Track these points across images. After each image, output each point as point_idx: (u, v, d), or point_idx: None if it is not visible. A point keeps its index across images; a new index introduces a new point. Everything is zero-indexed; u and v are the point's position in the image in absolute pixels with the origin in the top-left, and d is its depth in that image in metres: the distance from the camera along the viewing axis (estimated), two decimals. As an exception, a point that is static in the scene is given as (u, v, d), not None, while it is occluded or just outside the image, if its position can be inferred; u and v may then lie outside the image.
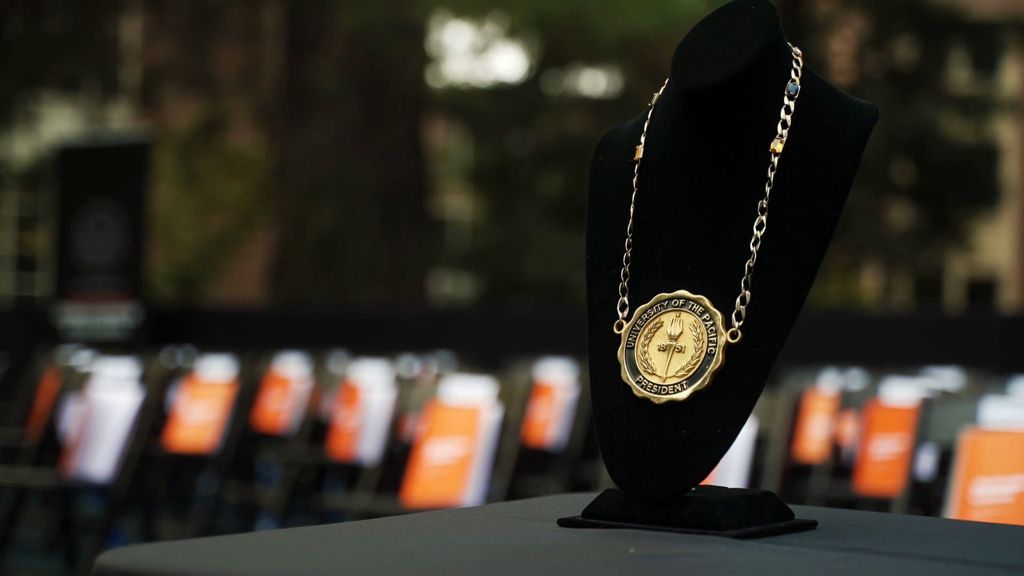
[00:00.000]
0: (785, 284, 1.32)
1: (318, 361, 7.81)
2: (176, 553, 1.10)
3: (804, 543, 1.26)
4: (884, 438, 5.57)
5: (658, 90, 1.47)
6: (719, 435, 1.31)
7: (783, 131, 1.35)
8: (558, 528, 1.33)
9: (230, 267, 21.15)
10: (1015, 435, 4.01)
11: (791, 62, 1.39)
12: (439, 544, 1.20)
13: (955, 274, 26.72)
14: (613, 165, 1.46)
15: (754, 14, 1.38)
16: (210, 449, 6.31)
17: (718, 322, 1.33)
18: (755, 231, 1.34)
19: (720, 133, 1.37)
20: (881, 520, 1.42)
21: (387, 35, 13.27)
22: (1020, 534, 1.33)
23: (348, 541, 1.20)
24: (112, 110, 19.42)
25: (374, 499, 4.92)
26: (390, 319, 10.45)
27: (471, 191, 24.15)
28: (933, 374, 6.92)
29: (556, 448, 6.92)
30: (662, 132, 1.42)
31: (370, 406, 6.45)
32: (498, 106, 18.27)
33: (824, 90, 1.39)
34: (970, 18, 18.72)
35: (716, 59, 1.36)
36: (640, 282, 1.39)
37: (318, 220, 13.62)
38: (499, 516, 1.39)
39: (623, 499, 1.34)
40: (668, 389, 1.33)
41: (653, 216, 1.40)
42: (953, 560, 1.17)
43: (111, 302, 11.06)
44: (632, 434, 1.34)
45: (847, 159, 1.34)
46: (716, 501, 1.30)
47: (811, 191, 1.34)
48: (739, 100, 1.36)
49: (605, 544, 1.23)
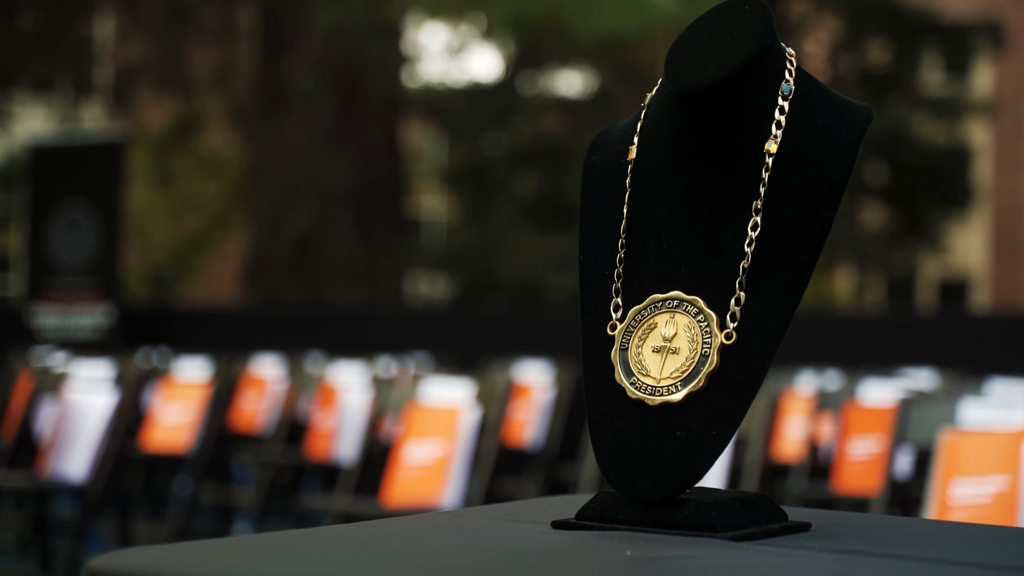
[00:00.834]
0: (780, 285, 1.32)
1: (294, 362, 7.79)
2: (170, 556, 1.08)
3: (799, 545, 1.25)
4: (861, 438, 5.59)
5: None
6: (714, 437, 1.30)
7: (777, 131, 1.35)
8: (552, 530, 1.32)
9: (204, 267, 21.06)
10: (993, 435, 4.03)
11: (785, 62, 1.39)
12: (435, 546, 1.19)
13: (927, 275, 26.87)
14: (606, 165, 1.45)
15: (748, 14, 1.38)
16: (186, 450, 6.28)
17: (713, 323, 1.33)
18: (749, 232, 1.33)
19: (714, 133, 1.36)
20: (874, 522, 1.42)
21: (363, 35, 13.23)
22: (1015, 535, 1.33)
23: (343, 544, 1.19)
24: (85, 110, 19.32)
25: (352, 500, 4.91)
26: (366, 320, 10.43)
27: (446, 191, 24.13)
28: (909, 374, 6.94)
29: (534, 449, 6.92)
30: (655, 132, 1.41)
31: (347, 407, 6.43)
32: (473, 106, 18.25)
33: (818, 91, 1.39)
34: (943, 20, 18.82)
35: (710, 59, 1.36)
36: (634, 283, 1.39)
37: (294, 220, 13.58)
38: (492, 518, 1.38)
39: (617, 501, 1.33)
40: (662, 391, 1.33)
41: (647, 217, 1.40)
42: (950, 562, 1.17)
43: (85, 303, 11.00)
44: (626, 436, 1.34)
45: (842, 160, 1.34)
46: (711, 503, 1.29)
47: (806, 192, 1.34)
48: (733, 100, 1.35)
49: (601, 546, 1.22)
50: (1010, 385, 6.06)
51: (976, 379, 6.50)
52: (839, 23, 18.17)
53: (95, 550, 6.29)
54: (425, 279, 23.50)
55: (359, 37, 13.20)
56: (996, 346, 8.63)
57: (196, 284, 21.25)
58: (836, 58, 18.31)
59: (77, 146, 11.84)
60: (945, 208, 19.77)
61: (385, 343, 9.22)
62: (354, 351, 8.24)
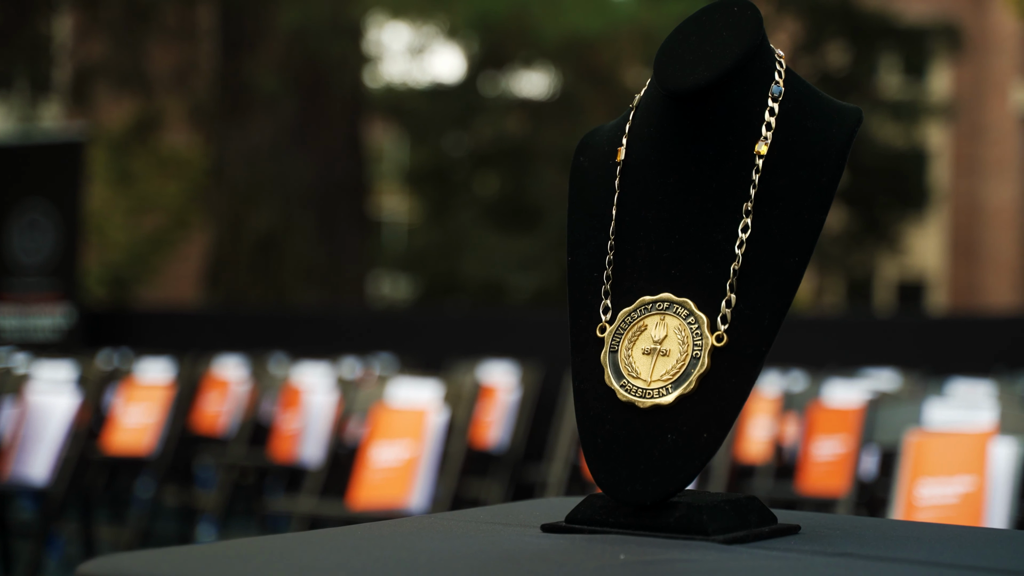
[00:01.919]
0: (771, 287, 1.31)
1: (257, 363, 7.74)
2: (160, 561, 1.07)
3: (792, 548, 1.25)
4: (826, 439, 5.61)
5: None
6: (705, 439, 1.29)
7: (767, 133, 1.34)
8: (543, 534, 1.31)
9: (164, 268, 20.91)
10: (959, 436, 4.05)
11: (774, 64, 1.38)
12: (428, 551, 1.18)
13: (885, 276, 27.05)
14: (594, 167, 1.44)
15: (737, 15, 1.37)
16: (148, 452, 6.23)
17: (703, 325, 1.32)
18: (740, 233, 1.33)
19: (704, 134, 1.36)
20: (863, 524, 1.42)
21: (326, 35, 13.17)
22: (1004, 537, 1.33)
23: (335, 548, 1.18)
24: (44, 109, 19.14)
25: (319, 502, 4.88)
26: (329, 320, 10.38)
27: (407, 192, 24.06)
28: (871, 375, 6.98)
29: (499, 450, 6.91)
30: (644, 134, 1.41)
31: (312, 408, 6.40)
32: (435, 107, 18.21)
33: (807, 92, 1.38)
34: (901, 23, 18.96)
35: (700, 60, 1.35)
36: (623, 285, 1.38)
37: (255, 221, 13.50)
38: (480, 522, 1.37)
39: (607, 504, 1.32)
40: (653, 393, 1.32)
41: (636, 218, 1.39)
42: (945, 565, 1.17)
43: (44, 303, 10.89)
44: (616, 438, 1.33)
45: (832, 162, 1.34)
46: (703, 506, 1.29)
47: (796, 193, 1.33)
48: (723, 102, 1.35)
49: (594, 550, 1.21)
50: (972, 385, 6.12)
51: (937, 380, 6.54)
52: (799, 25, 18.27)
53: (57, 553, 6.23)
54: (387, 280, 23.43)
55: (321, 36, 13.14)
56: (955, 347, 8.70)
57: (155, 285, 21.09)
58: (795, 60, 18.40)
59: (36, 145, 11.72)
60: (903, 210, 19.91)
61: (349, 344, 9.19)
62: (318, 352, 8.20)
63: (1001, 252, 26.78)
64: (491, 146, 18.42)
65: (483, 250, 17.59)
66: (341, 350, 8.63)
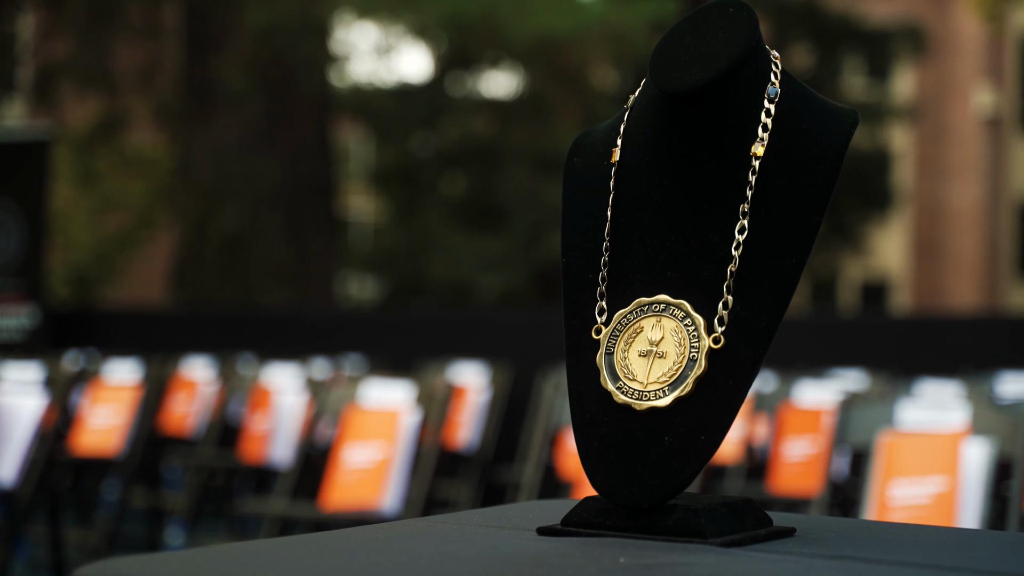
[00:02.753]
0: (768, 289, 1.31)
1: (225, 364, 7.70)
2: (158, 565, 1.05)
3: (790, 551, 1.25)
4: (796, 439, 5.63)
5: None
6: (703, 442, 1.29)
7: (764, 134, 1.34)
8: (539, 537, 1.30)
9: (128, 268, 20.75)
10: (931, 437, 4.07)
11: (770, 65, 1.38)
12: (427, 555, 1.17)
13: (849, 277, 27.20)
14: (588, 168, 1.44)
15: (732, 16, 1.37)
16: (115, 453, 6.19)
17: (700, 327, 1.31)
18: (737, 235, 1.32)
19: (699, 136, 1.35)
20: (855, 526, 1.41)
21: (294, 34, 13.12)
22: (1001, 540, 1.34)
23: (332, 552, 1.17)
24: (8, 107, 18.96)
25: (290, 504, 4.86)
26: (298, 321, 10.34)
27: (373, 192, 24.00)
28: (840, 375, 7.01)
29: (468, 451, 6.89)
30: (639, 135, 1.40)
31: (282, 409, 6.37)
32: (402, 107, 18.18)
33: (803, 94, 1.38)
34: (865, 26, 19.08)
35: (695, 61, 1.35)
36: (618, 286, 1.37)
37: (222, 221, 13.42)
38: (474, 525, 1.36)
39: (604, 507, 1.31)
40: (650, 395, 1.31)
41: (631, 219, 1.38)
42: (946, 568, 1.17)
43: (9, 303, 10.79)
44: (613, 441, 1.32)
45: (829, 163, 1.34)
46: (700, 509, 1.28)
47: (793, 195, 1.33)
48: (719, 103, 1.34)
49: (592, 553, 1.21)
50: (940, 386, 6.15)
51: (906, 380, 6.58)
52: (763, 27, 18.29)
53: (23, 556, 6.17)
54: (353, 280, 23.36)
55: (289, 35, 13.09)
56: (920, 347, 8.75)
57: (119, 285, 20.94)
58: (761, 62, 18.45)
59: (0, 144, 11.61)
60: (867, 211, 20.03)
61: (317, 345, 9.15)
62: (286, 353, 8.16)
63: (963, 253, 26.99)
64: (458, 146, 18.40)
65: (450, 250, 17.57)
66: (310, 351, 8.59)
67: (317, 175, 13.79)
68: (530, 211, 16.92)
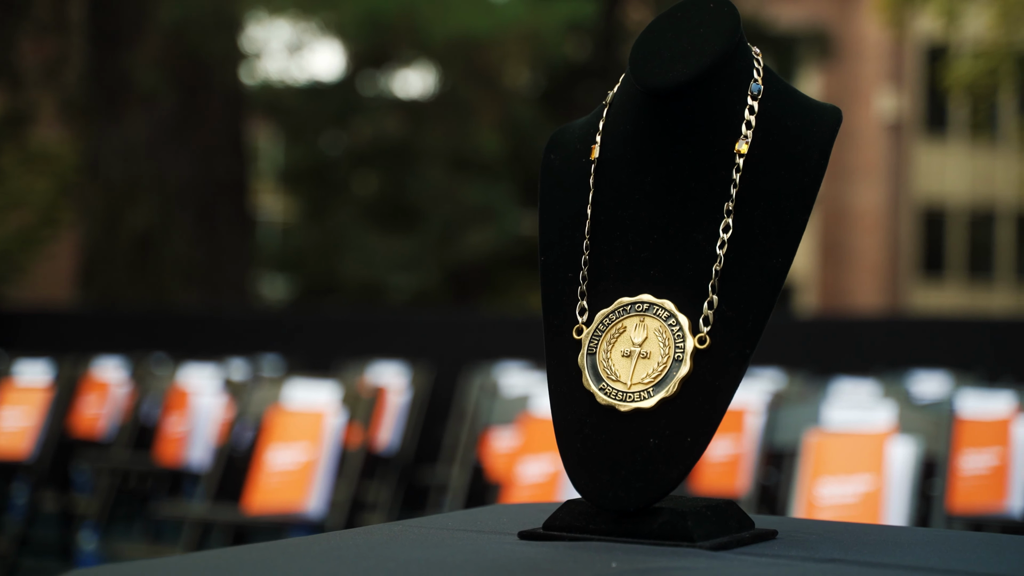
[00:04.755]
0: (754, 288, 1.29)
1: (138, 364, 7.55)
2: (144, 572, 1.01)
3: (779, 554, 1.23)
4: (720, 439, 5.66)
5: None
6: (689, 444, 1.26)
7: (748, 132, 1.32)
8: (523, 541, 1.27)
9: (31, 267, 20.32)
10: (858, 436, 4.12)
11: (752, 62, 1.36)
12: (415, 560, 1.13)
13: (756, 278, 27.47)
14: (566, 165, 1.40)
15: (713, 12, 1.35)
16: (25, 456, 6.04)
17: (685, 327, 1.29)
18: (721, 233, 1.30)
19: (682, 132, 1.33)
20: (836, 529, 1.40)
21: (207, 30, 12.93)
22: (985, 541, 1.33)
23: (319, 558, 1.13)
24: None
25: (212, 507, 4.77)
26: (211, 321, 10.19)
27: (282, 191, 23.77)
28: (758, 375, 7.07)
29: (388, 452, 6.83)
30: (619, 131, 1.37)
31: (199, 411, 6.26)
32: (313, 105, 18.01)
33: (785, 90, 1.36)
34: (773, 30, 19.31)
35: (678, 57, 1.32)
36: (599, 285, 1.34)
37: (132, 219, 13.19)
38: (451, 529, 1.33)
39: (587, 510, 1.29)
40: (634, 396, 1.29)
41: (612, 218, 1.35)
42: (938, 571, 1.16)
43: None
44: (596, 443, 1.29)
45: (815, 161, 1.32)
46: (687, 512, 1.26)
47: (778, 193, 1.31)
48: (701, 99, 1.32)
49: (583, 558, 1.18)
50: (856, 385, 6.23)
51: (822, 380, 6.65)
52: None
53: (-69, 562, 5.99)
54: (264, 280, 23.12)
55: (202, 32, 12.90)
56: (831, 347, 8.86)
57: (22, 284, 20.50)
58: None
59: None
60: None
61: (233, 345, 9.03)
62: (201, 354, 8.04)
63: (866, 255, 27.45)
64: (370, 145, 18.27)
65: (362, 250, 17.44)
66: (224, 351, 8.47)
67: (229, 173, 13.61)
68: (443, 211, 16.86)
